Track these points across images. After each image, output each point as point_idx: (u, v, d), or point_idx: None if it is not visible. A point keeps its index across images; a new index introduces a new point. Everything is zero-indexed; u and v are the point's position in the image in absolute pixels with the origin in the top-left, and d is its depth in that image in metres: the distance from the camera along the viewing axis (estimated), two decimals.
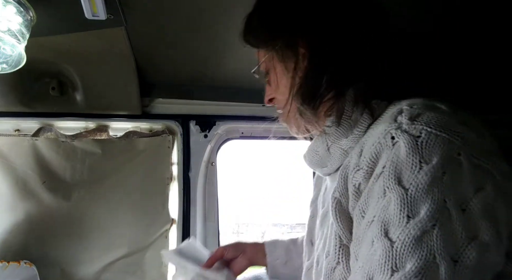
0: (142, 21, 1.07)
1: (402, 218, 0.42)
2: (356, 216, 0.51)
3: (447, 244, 0.40)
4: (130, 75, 1.28)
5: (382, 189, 0.45)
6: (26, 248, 1.25)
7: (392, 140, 0.46)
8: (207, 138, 1.46)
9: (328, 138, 0.61)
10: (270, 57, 0.68)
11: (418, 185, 0.42)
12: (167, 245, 1.40)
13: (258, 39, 0.69)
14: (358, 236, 0.49)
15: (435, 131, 0.44)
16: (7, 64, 0.90)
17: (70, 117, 1.35)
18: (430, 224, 0.41)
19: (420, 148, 0.44)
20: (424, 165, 0.43)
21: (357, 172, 0.51)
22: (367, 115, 0.57)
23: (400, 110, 0.49)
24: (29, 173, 1.29)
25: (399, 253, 0.41)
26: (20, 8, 0.85)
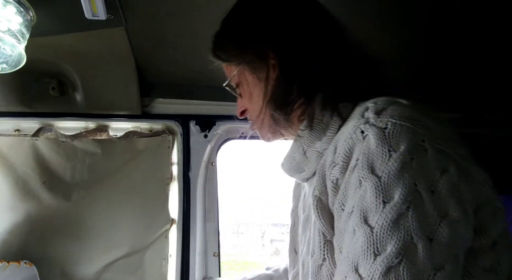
0: (142, 21, 1.07)
1: (378, 204, 0.45)
2: (336, 210, 0.54)
3: (422, 224, 0.44)
4: (130, 75, 1.28)
5: (357, 180, 0.48)
6: (26, 248, 1.25)
7: (362, 134, 0.50)
8: (207, 138, 1.46)
9: (304, 142, 0.65)
10: (241, 70, 0.72)
11: (390, 172, 0.46)
12: (167, 245, 1.40)
13: (229, 54, 0.73)
14: (340, 228, 0.51)
15: (400, 121, 0.48)
16: (7, 64, 0.90)
17: (70, 117, 1.35)
18: (405, 206, 0.44)
19: (388, 138, 0.47)
20: (393, 153, 0.46)
21: (334, 168, 0.54)
22: (336, 117, 0.61)
23: (366, 108, 0.53)
24: (29, 173, 1.29)
25: (379, 237, 0.44)
26: (20, 8, 0.85)
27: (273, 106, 0.66)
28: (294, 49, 0.66)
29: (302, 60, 0.66)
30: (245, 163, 6.79)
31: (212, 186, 1.49)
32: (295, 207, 0.81)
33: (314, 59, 0.66)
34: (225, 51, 0.73)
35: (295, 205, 0.82)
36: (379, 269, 0.42)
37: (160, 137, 1.44)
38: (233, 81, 0.75)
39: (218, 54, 0.74)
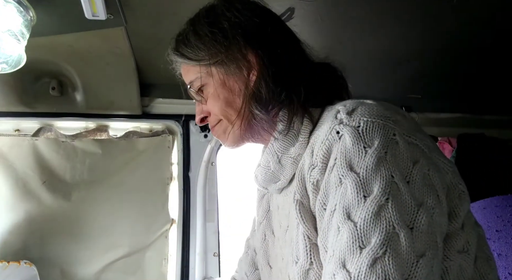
0: (142, 21, 1.07)
1: (360, 199, 0.47)
2: (318, 210, 0.55)
3: (402, 214, 0.45)
4: (130, 75, 1.28)
5: (337, 178, 0.50)
6: (26, 248, 1.25)
7: (338, 134, 0.52)
8: (207, 138, 1.46)
9: (277, 150, 0.65)
10: (209, 71, 0.68)
11: (367, 167, 0.48)
12: (167, 245, 1.40)
13: (199, 53, 0.68)
14: (324, 228, 0.52)
15: (371, 119, 0.51)
16: (7, 64, 0.90)
17: (70, 117, 1.35)
18: (384, 198, 0.46)
19: (362, 135, 0.50)
20: (368, 148, 0.49)
21: (313, 170, 0.55)
22: (307, 122, 0.63)
23: (337, 110, 0.55)
24: (29, 173, 1.29)
25: (363, 231, 0.45)
26: (20, 8, 0.85)
27: (258, 107, 0.65)
28: (275, 51, 0.66)
29: (282, 63, 0.66)
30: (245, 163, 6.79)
31: (212, 186, 1.49)
32: (262, 219, 0.81)
33: (290, 63, 0.67)
34: (194, 50, 0.69)
35: (262, 217, 0.81)
36: (366, 261, 0.43)
37: (160, 137, 1.44)
38: (196, 84, 0.71)
39: (185, 53, 0.70)
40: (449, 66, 1.40)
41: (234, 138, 0.70)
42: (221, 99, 0.68)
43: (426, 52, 1.31)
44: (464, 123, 1.66)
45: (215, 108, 0.69)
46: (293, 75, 0.66)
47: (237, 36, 0.66)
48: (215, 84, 0.68)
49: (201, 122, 0.74)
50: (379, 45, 1.25)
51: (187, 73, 0.73)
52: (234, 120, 0.68)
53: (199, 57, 0.68)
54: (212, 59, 0.67)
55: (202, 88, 0.70)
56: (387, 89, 1.52)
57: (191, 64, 0.70)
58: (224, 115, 0.69)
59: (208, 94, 0.70)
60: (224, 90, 0.68)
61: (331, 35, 1.18)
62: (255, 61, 0.66)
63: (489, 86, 1.56)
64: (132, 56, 1.22)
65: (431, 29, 1.18)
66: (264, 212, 0.81)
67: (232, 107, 0.68)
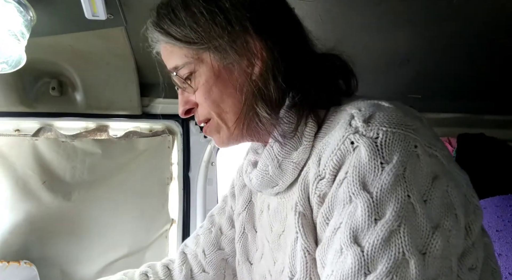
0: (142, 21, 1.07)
1: (370, 222, 0.42)
2: (319, 223, 0.50)
3: (414, 239, 0.41)
4: (130, 75, 1.28)
5: (347, 196, 0.45)
6: (26, 248, 1.25)
7: (352, 145, 0.46)
8: (207, 138, 1.46)
9: (277, 153, 0.58)
10: (200, 56, 0.58)
11: (382, 186, 0.43)
12: (167, 245, 1.40)
13: (191, 34, 0.57)
14: (324, 242, 0.49)
15: (391, 129, 0.45)
16: (7, 64, 0.89)
17: (70, 117, 1.35)
18: (397, 223, 0.41)
19: (380, 148, 0.44)
20: (386, 165, 0.43)
21: (320, 182, 0.50)
22: (311, 124, 0.56)
23: (351, 116, 0.49)
24: (29, 173, 1.29)
25: (370, 257, 0.41)
26: (20, 8, 0.85)
27: (264, 106, 0.57)
28: (287, 42, 0.58)
29: (293, 57, 0.58)
30: None
31: (212, 186, 1.49)
32: (242, 210, 0.75)
33: (302, 57, 0.59)
34: (184, 30, 0.58)
35: (242, 208, 0.75)
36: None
37: (160, 137, 1.44)
38: (183, 71, 0.60)
39: (171, 31, 0.59)
40: (449, 66, 1.40)
41: (229, 138, 0.63)
42: (214, 93, 0.59)
43: (426, 52, 1.31)
44: (464, 123, 1.66)
45: (206, 102, 0.60)
46: (305, 72, 0.58)
47: (242, 20, 0.57)
48: (207, 74, 0.59)
49: (185, 114, 0.65)
50: (379, 45, 1.25)
51: (170, 55, 0.62)
52: (229, 118, 0.60)
53: (189, 39, 0.58)
54: (206, 44, 0.57)
55: (190, 76, 0.61)
56: (387, 89, 1.53)
57: (178, 45, 0.60)
58: (216, 112, 0.60)
59: (198, 84, 0.60)
60: (218, 82, 0.59)
61: (331, 35, 1.17)
62: (260, 52, 0.57)
63: (489, 86, 1.56)
64: (132, 56, 1.22)
65: (431, 29, 1.18)
66: (245, 203, 0.76)
67: (227, 103, 0.59)
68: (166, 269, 0.85)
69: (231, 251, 0.82)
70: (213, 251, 0.83)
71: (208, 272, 0.82)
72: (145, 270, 0.85)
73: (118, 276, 0.85)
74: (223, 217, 0.84)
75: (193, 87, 0.61)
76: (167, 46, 0.62)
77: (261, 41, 0.57)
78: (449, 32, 1.19)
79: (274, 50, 0.57)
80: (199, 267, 0.83)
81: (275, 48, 0.57)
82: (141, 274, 0.84)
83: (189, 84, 0.61)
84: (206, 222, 0.87)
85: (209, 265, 0.82)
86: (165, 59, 0.64)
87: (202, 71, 0.59)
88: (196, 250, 0.84)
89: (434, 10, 1.08)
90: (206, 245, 0.83)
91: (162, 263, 0.88)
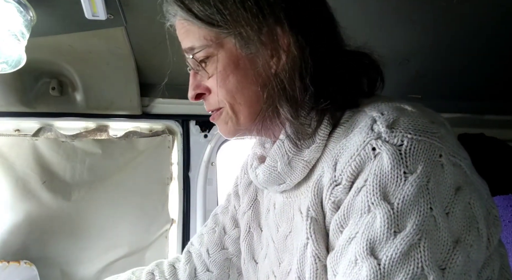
0: (142, 21, 1.07)
1: (389, 235, 0.41)
2: (332, 229, 0.48)
3: (434, 254, 0.40)
4: (130, 75, 1.28)
5: (366, 205, 0.43)
6: (26, 248, 1.25)
7: (374, 151, 0.44)
8: (207, 138, 1.46)
9: (288, 150, 0.55)
10: (221, 41, 0.54)
11: (405, 197, 0.41)
12: (167, 245, 1.40)
13: (215, 17, 0.53)
14: (336, 250, 0.47)
15: (416, 136, 0.43)
16: (7, 64, 0.89)
17: (70, 117, 1.35)
18: (417, 237, 0.40)
19: (404, 157, 0.42)
20: (409, 175, 0.41)
21: (336, 188, 0.47)
22: (326, 122, 0.53)
23: (373, 119, 0.46)
24: (29, 173, 1.29)
25: (387, 271, 0.40)
26: (20, 8, 0.84)
27: (287, 106, 0.53)
28: (319, 40, 0.54)
29: (323, 57, 0.54)
30: None
31: (212, 186, 1.49)
32: (248, 209, 0.74)
33: (332, 57, 0.55)
34: (209, 10, 0.53)
35: (248, 207, 0.74)
36: None
37: (160, 137, 1.44)
38: (200, 53, 0.56)
39: (193, 8, 0.54)
40: (449, 66, 1.40)
41: (236, 130, 0.60)
42: (230, 82, 0.55)
43: (426, 52, 1.31)
44: (464, 123, 1.66)
45: (220, 90, 0.56)
46: (333, 76, 0.54)
47: (276, 10, 0.52)
48: (225, 60, 0.55)
49: (195, 98, 0.61)
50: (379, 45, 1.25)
51: (186, 34, 0.57)
52: (241, 110, 0.57)
53: (212, 20, 0.53)
54: (231, 29, 0.53)
55: (205, 59, 0.57)
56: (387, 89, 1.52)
57: (197, 25, 0.55)
58: (230, 102, 0.57)
59: (214, 70, 0.56)
60: (236, 72, 0.55)
61: None
62: (287, 47, 0.53)
63: (489, 86, 1.56)
64: (132, 56, 1.22)
65: (431, 29, 1.18)
66: (250, 201, 0.74)
67: (242, 95, 0.56)
68: (172, 268, 0.85)
69: (235, 250, 0.81)
70: (216, 251, 0.82)
71: (212, 271, 0.82)
72: (152, 268, 0.85)
73: (127, 275, 0.85)
74: (226, 216, 0.83)
75: (208, 72, 0.57)
76: (184, 23, 0.57)
77: (292, 36, 0.53)
78: (449, 32, 1.19)
79: (305, 49, 0.52)
80: (203, 266, 0.83)
81: (306, 46, 0.53)
82: (147, 273, 0.84)
83: (204, 68, 0.57)
84: (210, 221, 0.86)
85: (212, 264, 0.82)
86: (181, 36, 0.59)
87: (220, 57, 0.55)
88: (200, 249, 0.84)
89: (434, 10, 1.08)
90: (210, 245, 0.83)
91: (168, 261, 0.87)
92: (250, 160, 0.67)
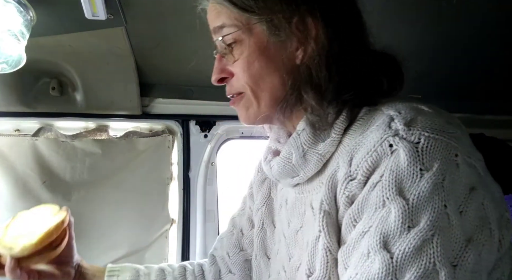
0: (142, 21, 1.07)
1: (403, 229, 0.41)
2: (346, 223, 0.49)
3: (446, 250, 0.40)
4: (130, 75, 1.28)
5: (381, 200, 0.44)
6: None
7: (390, 148, 0.44)
8: (207, 138, 1.46)
9: (304, 142, 0.56)
10: (251, 26, 0.56)
11: (420, 193, 0.41)
12: (167, 245, 1.40)
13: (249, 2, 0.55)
14: (348, 244, 0.48)
15: (433, 135, 0.43)
16: (7, 64, 0.90)
17: (70, 117, 1.35)
18: (431, 232, 0.40)
19: (421, 154, 0.43)
20: (425, 172, 0.42)
21: (350, 183, 0.48)
22: (344, 117, 0.54)
23: (390, 117, 0.47)
24: (29, 173, 1.29)
25: (399, 264, 0.40)
26: (20, 8, 0.85)
27: (312, 95, 0.54)
28: (347, 32, 0.56)
29: (348, 51, 0.55)
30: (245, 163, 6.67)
31: (212, 186, 1.49)
32: (261, 206, 0.76)
33: (358, 51, 0.57)
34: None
35: (261, 204, 0.76)
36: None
37: (160, 137, 1.44)
38: (229, 37, 0.57)
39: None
40: (449, 66, 1.40)
41: (256, 117, 0.60)
42: (255, 68, 0.56)
43: (426, 52, 1.31)
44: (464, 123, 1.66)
45: (244, 75, 0.57)
46: (357, 68, 0.55)
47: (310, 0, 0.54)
48: (253, 46, 0.56)
49: (218, 82, 0.62)
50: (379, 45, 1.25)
51: (217, 16, 0.58)
52: (264, 97, 0.58)
53: (246, 6, 0.55)
54: (262, 15, 0.54)
55: (233, 44, 0.57)
56: None
57: (230, 9, 0.56)
58: (253, 88, 0.58)
59: (240, 55, 0.57)
60: (263, 58, 0.56)
61: None
62: (316, 38, 0.54)
63: (489, 86, 1.56)
64: (132, 56, 1.22)
65: (431, 29, 1.18)
66: (264, 198, 0.76)
67: (266, 82, 0.57)
68: (200, 267, 0.90)
69: (252, 251, 0.82)
70: (236, 253, 0.84)
71: (234, 273, 0.84)
72: (183, 264, 0.91)
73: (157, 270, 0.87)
74: (243, 218, 0.85)
75: (234, 56, 0.58)
76: (217, 6, 0.58)
77: (322, 27, 0.54)
78: (449, 32, 1.19)
79: (334, 40, 0.54)
80: (226, 268, 0.86)
81: (335, 38, 0.54)
82: (179, 266, 0.89)
83: (231, 52, 0.58)
84: (228, 224, 0.89)
85: (233, 266, 0.84)
86: (211, 17, 0.60)
87: (248, 42, 0.56)
88: (222, 253, 0.87)
89: (434, 10, 1.08)
90: (229, 247, 0.85)
91: (196, 262, 0.92)
92: (265, 153, 0.68)
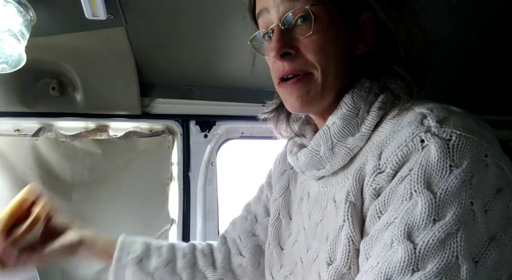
0: (142, 21, 1.07)
1: (428, 221, 0.42)
2: (371, 215, 0.50)
3: (470, 246, 0.41)
4: (130, 75, 1.28)
5: (408, 192, 0.44)
6: None
7: (422, 143, 0.45)
8: (207, 138, 1.46)
9: (333, 135, 0.57)
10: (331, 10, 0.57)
11: (448, 188, 0.42)
12: None
13: None
14: (372, 235, 0.48)
15: (465, 133, 0.44)
16: (7, 64, 0.90)
17: (70, 117, 1.35)
18: (456, 227, 0.41)
19: (452, 151, 0.43)
20: (454, 168, 0.43)
21: (378, 175, 0.49)
22: (375, 113, 0.56)
23: (423, 115, 0.48)
24: (29, 172, 1.29)
25: (421, 255, 0.41)
26: (20, 8, 0.85)
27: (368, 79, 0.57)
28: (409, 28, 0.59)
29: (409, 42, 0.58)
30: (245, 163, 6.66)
31: (212, 186, 1.49)
32: (279, 196, 0.77)
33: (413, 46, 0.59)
34: None
35: (279, 194, 0.77)
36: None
37: (160, 137, 1.44)
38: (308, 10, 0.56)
39: None
40: (448, 66, 1.40)
41: (312, 102, 0.59)
42: (330, 47, 0.57)
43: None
44: None
45: (317, 53, 0.56)
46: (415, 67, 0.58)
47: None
48: (325, 25, 0.56)
49: (283, 57, 0.57)
50: None
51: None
52: (329, 79, 0.58)
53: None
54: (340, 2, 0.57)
55: (307, 20, 0.56)
56: None
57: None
58: (323, 68, 0.57)
59: (317, 31, 0.56)
60: (336, 39, 0.57)
61: None
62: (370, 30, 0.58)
63: (489, 86, 1.56)
64: (132, 56, 1.22)
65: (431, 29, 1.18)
66: (282, 189, 0.77)
67: (335, 63, 0.57)
68: (209, 246, 0.90)
69: (265, 238, 0.83)
70: (248, 237, 0.86)
71: (244, 256, 0.86)
72: (192, 242, 0.90)
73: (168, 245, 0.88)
74: (259, 205, 0.87)
75: (312, 30, 0.56)
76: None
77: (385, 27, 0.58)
78: (448, 32, 1.19)
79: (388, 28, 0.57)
80: (236, 249, 0.87)
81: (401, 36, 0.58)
82: (189, 244, 0.90)
83: (310, 25, 0.56)
84: (243, 210, 0.91)
85: (244, 249, 0.86)
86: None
87: (324, 21, 0.56)
88: (233, 235, 0.88)
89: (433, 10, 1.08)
90: (242, 231, 0.87)
91: (206, 242, 0.92)
92: (290, 146, 0.69)
